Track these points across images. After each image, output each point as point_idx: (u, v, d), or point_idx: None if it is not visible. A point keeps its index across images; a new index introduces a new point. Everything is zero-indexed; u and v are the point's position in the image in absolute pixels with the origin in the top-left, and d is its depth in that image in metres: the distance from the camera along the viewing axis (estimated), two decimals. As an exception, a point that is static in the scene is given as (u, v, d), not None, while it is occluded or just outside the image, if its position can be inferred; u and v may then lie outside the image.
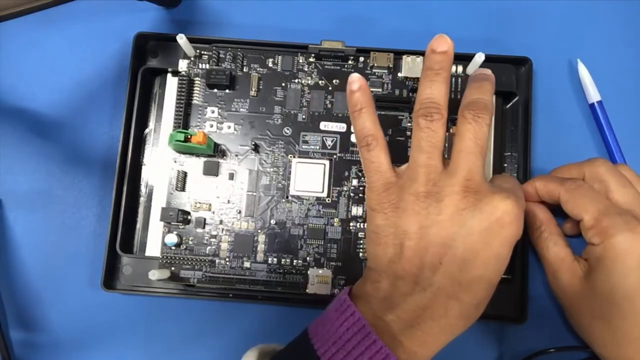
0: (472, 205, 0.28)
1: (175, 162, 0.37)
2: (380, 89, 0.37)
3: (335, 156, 0.37)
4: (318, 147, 0.37)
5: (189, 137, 0.33)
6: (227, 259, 0.35)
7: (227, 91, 0.37)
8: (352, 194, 0.36)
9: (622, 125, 0.38)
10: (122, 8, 0.40)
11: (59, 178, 0.39)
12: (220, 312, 0.37)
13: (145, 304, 0.37)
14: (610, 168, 0.33)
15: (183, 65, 0.37)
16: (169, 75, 0.39)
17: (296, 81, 0.37)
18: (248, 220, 0.36)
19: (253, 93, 0.37)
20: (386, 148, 0.31)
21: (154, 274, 0.33)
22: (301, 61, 0.37)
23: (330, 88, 0.37)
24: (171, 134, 0.34)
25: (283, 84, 0.37)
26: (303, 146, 0.37)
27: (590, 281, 0.31)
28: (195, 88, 0.37)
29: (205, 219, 0.36)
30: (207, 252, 0.36)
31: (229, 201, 0.36)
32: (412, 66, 0.36)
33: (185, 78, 0.37)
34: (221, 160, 0.37)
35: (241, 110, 0.37)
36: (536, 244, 0.34)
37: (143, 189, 0.38)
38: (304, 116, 0.37)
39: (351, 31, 0.40)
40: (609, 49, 0.40)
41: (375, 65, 0.37)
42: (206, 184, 0.36)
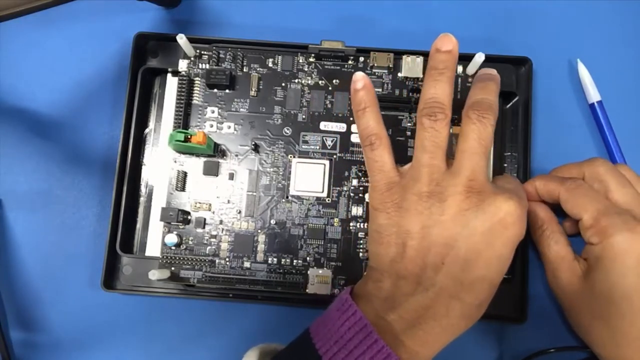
0: (475, 205, 0.28)
1: (175, 162, 0.37)
2: (380, 89, 0.37)
3: (335, 156, 0.37)
4: (318, 147, 0.37)
5: (189, 137, 0.33)
6: (227, 259, 0.35)
7: (227, 91, 0.37)
8: (352, 194, 0.36)
9: (622, 125, 0.38)
10: (122, 8, 0.40)
11: (59, 178, 0.39)
12: (220, 312, 0.37)
13: (145, 304, 0.37)
14: (609, 168, 0.33)
15: (183, 65, 0.37)
16: (169, 75, 0.39)
17: (296, 81, 0.37)
18: (248, 220, 0.36)
19: (253, 93, 0.37)
20: (390, 147, 0.31)
21: (154, 274, 0.33)
22: (301, 61, 0.37)
23: (330, 88, 0.37)
24: (171, 134, 0.34)
25: (283, 84, 0.37)
26: (303, 146, 0.37)
27: (589, 281, 0.31)
28: (195, 88, 0.37)
29: (205, 219, 0.36)
30: (207, 252, 0.36)
31: (229, 201, 0.36)
32: (412, 66, 0.36)
33: (185, 78, 0.37)
34: (221, 160, 0.37)
35: (241, 110, 0.37)
36: (538, 243, 0.34)
37: (143, 189, 0.38)
38: (304, 116, 0.37)
39: (351, 31, 0.40)
40: (609, 49, 0.40)
41: (375, 65, 0.37)
42: (206, 184, 0.36)
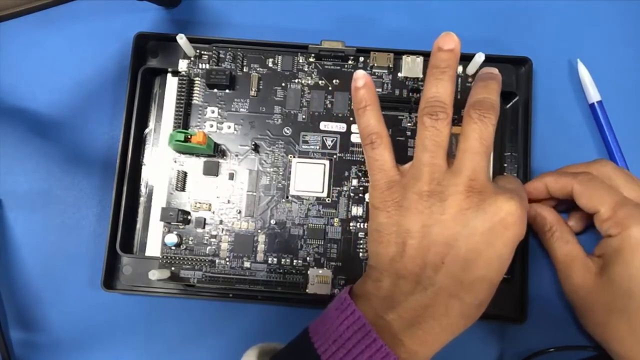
0: (476, 205, 0.28)
1: (175, 162, 0.37)
2: (380, 89, 0.37)
3: (335, 156, 0.37)
4: (318, 147, 0.37)
5: (189, 137, 0.33)
6: (227, 259, 0.35)
7: (227, 91, 0.37)
8: (352, 194, 0.36)
9: (622, 125, 0.38)
10: (122, 8, 0.40)
11: (59, 178, 0.39)
12: (220, 312, 0.37)
13: (145, 304, 0.37)
14: (615, 167, 0.33)
15: (183, 65, 0.37)
16: (169, 75, 0.39)
17: (296, 81, 0.37)
18: (248, 220, 0.36)
19: (253, 93, 0.37)
20: (390, 146, 0.30)
21: (154, 274, 0.33)
22: (301, 61, 0.37)
23: (330, 88, 0.37)
24: (171, 134, 0.34)
25: (283, 84, 0.37)
26: (303, 146, 0.37)
27: (605, 276, 0.31)
28: (195, 88, 0.37)
29: (205, 219, 0.36)
30: (207, 252, 0.36)
31: (229, 201, 0.36)
32: (412, 66, 0.36)
33: (185, 78, 0.37)
34: (221, 160, 0.37)
35: (241, 110, 0.37)
36: (548, 245, 0.34)
37: (143, 189, 0.38)
38: (304, 116, 0.37)
39: (351, 31, 0.40)
40: (609, 49, 0.40)
41: (375, 65, 0.37)
42: (206, 184, 0.36)
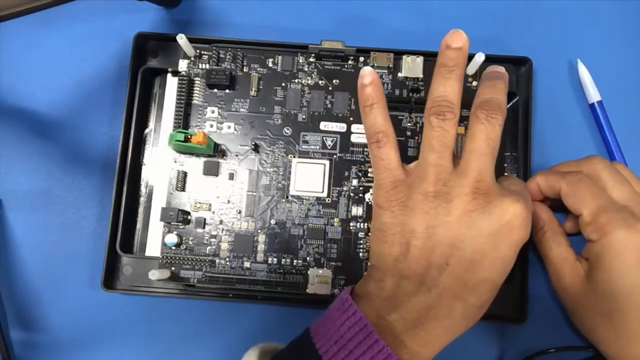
0: (482, 207, 0.27)
1: (175, 162, 0.37)
2: (380, 89, 0.37)
3: (335, 156, 0.37)
4: (318, 147, 0.37)
5: (189, 137, 0.33)
6: (227, 259, 0.35)
7: (227, 91, 0.37)
8: (352, 194, 0.36)
9: (622, 125, 0.38)
10: (122, 8, 0.40)
11: (59, 178, 0.39)
12: (220, 312, 0.37)
13: (145, 304, 0.37)
14: (606, 165, 0.33)
15: (183, 65, 0.37)
16: (169, 75, 0.39)
17: (296, 81, 0.37)
18: (248, 220, 0.36)
19: (253, 93, 0.37)
20: (396, 145, 0.30)
21: (154, 274, 0.33)
22: (301, 61, 0.37)
23: (330, 88, 0.37)
24: (171, 134, 0.34)
25: (283, 84, 0.37)
26: (303, 146, 0.37)
27: (591, 280, 0.31)
28: (195, 88, 0.37)
29: (205, 219, 0.36)
30: (207, 252, 0.36)
31: (229, 201, 0.36)
32: (412, 66, 0.36)
33: (185, 78, 0.37)
34: (221, 160, 0.37)
35: (241, 110, 0.37)
36: (539, 244, 0.34)
37: (143, 189, 0.38)
38: (304, 116, 0.37)
39: (351, 31, 0.40)
40: (609, 49, 0.40)
41: (375, 65, 0.37)
42: (206, 184, 0.36)
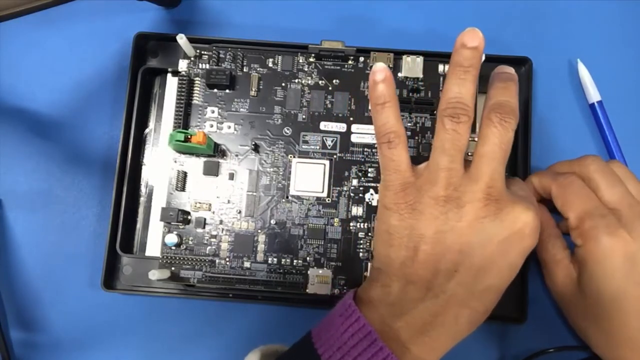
0: (493, 214, 0.27)
1: (175, 162, 0.37)
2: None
3: (335, 156, 0.37)
4: (318, 147, 0.37)
5: (189, 137, 0.33)
6: (227, 259, 0.35)
7: (227, 91, 0.37)
8: (352, 194, 0.36)
9: (622, 125, 0.38)
10: (122, 8, 0.40)
11: (59, 178, 0.39)
12: (220, 312, 0.37)
13: (145, 304, 0.37)
14: (600, 166, 0.32)
15: (183, 65, 0.37)
16: (169, 75, 0.39)
17: (296, 81, 0.37)
18: (248, 220, 0.36)
19: (253, 93, 0.37)
20: (407, 146, 0.29)
21: (154, 274, 0.33)
22: (301, 61, 0.37)
23: (330, 88, 0.37)
24: (171, 134, 0.34)
25: (283, 84, 0.37)
26: (303, 146, 0.37)
27: (580, 283, 0.31)
28: (195, 88, 0.37)
29: (205, 219, 0.36)
30: (207, 252, 0.36)
31: (229, 201, 0.36)
32: (412, 66, 0.36)
33: (185, 78, 0.37)
34: (221, 160, 0.37)
35: (241, 110, 0.37)
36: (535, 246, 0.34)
37: (143, 189, 0.38)
38: (304, 116, 0.37)
39: (351, 31, 0.40)
40: (609, 49, 0.40)
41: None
42: (206, 184, 0.36)
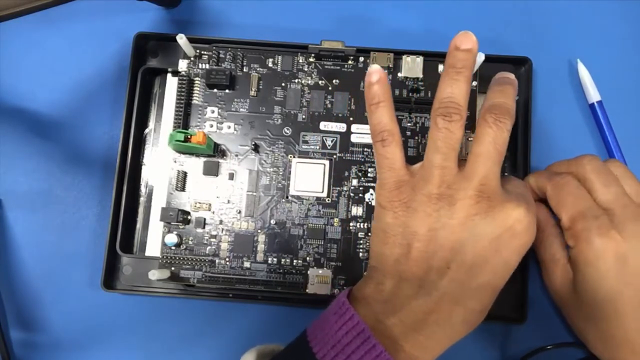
0: (485, 211, 0.27)
1: (175, 162, 0.37)
2: (380, 89, 0.37)
3: (335, 156, 0.37)
4: (318, 147, 0.37)
5: (189, 137, 0.33)
6: (227, 259, 0.35)
7: (227, 91, 0.37)
8: (352, 194, 0.36)
9: (622, 125, 0.38)
10: (122, 8, 0.40)
11: (59, 178, 0.39)
12: (220, 312, 0.37)
13: (145, 304, 0.37)
14: (596, 166, 0.32)
15: (183, 65, 0.37)
16: (169, 75, 0.39)
17: (296, 81, 0.37)
18: (248, 220, 0.36)
19: (253, 93, 0.37)
20: (401, 145, 0.30)
21: (154, 274, 0.33)
22: (301, 61, 0.37)
23: (330, 88, 0.37)
24: (171, 134, 0.34)
25: (283, 84, 0.37)
26: (303, 146, 0.37)
27: (575, 284, 0.31)
28: (195, 88, 0.37)
29: (205, 219, 0.36)
30: (207, 252, 0.36)
31: (229, 201, 0.36)
32: (412, 66, 0.36)
33: (185, 78, 0.37)
34: (221, 160, 0.37)
35: (241, 110, 0.37)
36: (534, 245, 0.34)
37: (143, 189, 0.38)
38: (304, 116, 0.37)
39: (351, 31, 0.40)
40: (609, 49, 0.40)
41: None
42: (206, 184, 0.36)
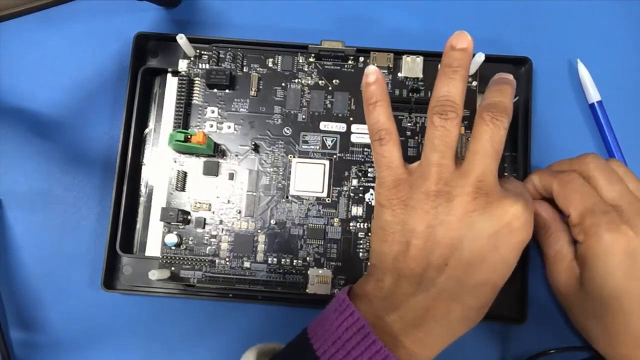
0: (482, 207, 0.27)
1: (175, 162, 0.37)
2: (380, 89, 0.37)
3: (335, 156, 0.37)
4: (318, 147, 0.37)
5: (189, 137, 0.33)
6: (227, 259, 0.35)
7: (227, 91, 0.37)
8: (352, 194, 0.36)
9: (622, 125, 0.38)
10: (122, 8, 0.40)
11: (59, 178, 0.39)
12: (220, 312, 0.37)
13: (145, 304, 0.37)
14: (599, 164, 0.32)
15: (183, 65, 0.37)
16: (169, 75, 0.39)
17: (296, 81, 0.37)
18: (248, 220, 0.36)
19: (253, 93, 0.37)
20: (399, 144, 0.30)
21: (154, 274, 0.33)
22: (301, 61, 0.37)
23: (330, 88, 0.37)
24: (171, 134, 0.34)
25: (283, 84, 0.37)
26: (303, 146, 0.37)
27: (582, 281, 0.31)
28: (195, 88, 0.37)
29: (205, 219, 0.36)
30: (207, 252, 0.36)
31: (229, 201, 0.36)
32: (412, 66, 0.36)
33: (185, 78, 0.37)
34: (221, 160, 0.37)
35: (241, 110, 0.37)
36: (540, 242, 0.34)
37: (143, 189, 0.38)
38: (304, 116, 0.37)
39: (351, 31, 0.40)
40: (609, 49, 0.40)
41: (375, 65, 0.37)
42: (206, 184, 0.36)
